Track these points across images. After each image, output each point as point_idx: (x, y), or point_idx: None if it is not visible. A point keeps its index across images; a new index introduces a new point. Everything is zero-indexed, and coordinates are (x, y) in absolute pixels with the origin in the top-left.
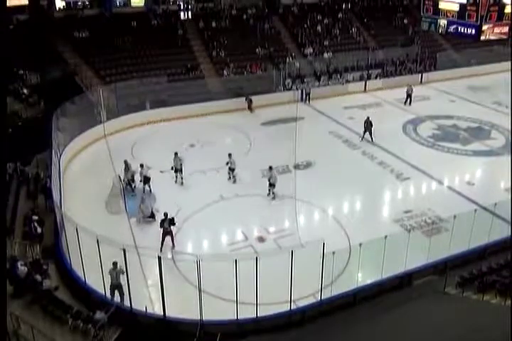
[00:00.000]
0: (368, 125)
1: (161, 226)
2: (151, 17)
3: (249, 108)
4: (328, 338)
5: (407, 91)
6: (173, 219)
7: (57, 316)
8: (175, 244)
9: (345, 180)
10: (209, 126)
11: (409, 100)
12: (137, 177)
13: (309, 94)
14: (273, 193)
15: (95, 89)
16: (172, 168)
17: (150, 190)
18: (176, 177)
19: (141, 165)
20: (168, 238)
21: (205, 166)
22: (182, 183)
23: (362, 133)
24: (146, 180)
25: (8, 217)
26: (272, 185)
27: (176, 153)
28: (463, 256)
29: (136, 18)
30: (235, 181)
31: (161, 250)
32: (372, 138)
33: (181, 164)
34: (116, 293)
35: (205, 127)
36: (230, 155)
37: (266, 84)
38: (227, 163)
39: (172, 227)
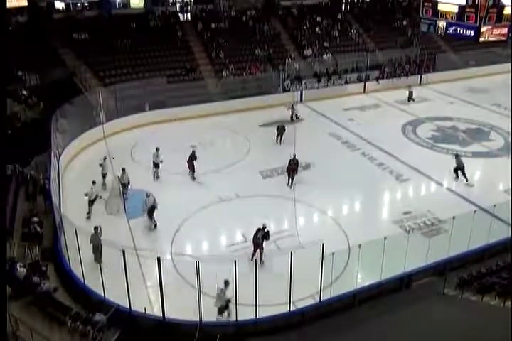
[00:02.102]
0: (293, 165)
1: (254, 238)
2: (150, 18)
3: (280, 137)
4: (327, 340)
5: (408, 92)
6: (267, 233)
7: (56, 318)
8: (263, 259)
9: (345, 181)
10: (208, 127)
11: (411, 99)
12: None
13: (296, 114)
14: None
15: (94, 91)
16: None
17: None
18: (155, 172)
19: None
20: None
21: (204, 167)
22: (158, 177)
23: (287, 178)
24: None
25: (7, 218)
26: None
27: (157, 149)
28: (462, 257)
29: (135, 19)
30: (158, 178)
31: (251, 259)
32: (291, 184)
33: (161, 160)
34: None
35: (204, 128)
36: (157, 149)
37: (265, 86)
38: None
39: (264, 242)
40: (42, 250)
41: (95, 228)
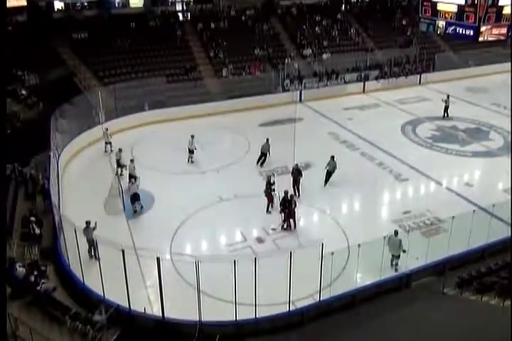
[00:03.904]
0: (296, 173)
1: (282, 204)
2: (149, 18)
3: (297, 186)
4: (327, 339)
5: (445, 103)
6: (292, 198)
7: (55, 317)
8: (295, 224)
9: (344, 180)
10: (208, 127)
11: (446, 113)
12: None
13: (268, 153)
14: None
15: (94, 91)
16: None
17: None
18: (190, 157)
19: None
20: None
21: (204, 167)
22: (192, 162)
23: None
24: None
25: (7, 218)
26: None
27: (192, 136)
28: (462, 256)
29: (135, 19)
30: (192, 162)
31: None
32: (299, 194)
33: (195, 147)
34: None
35: (203, 128)
36: (192, 136)
37: (264, 85)
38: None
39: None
40: (41, 250)
41: (87, 222)
